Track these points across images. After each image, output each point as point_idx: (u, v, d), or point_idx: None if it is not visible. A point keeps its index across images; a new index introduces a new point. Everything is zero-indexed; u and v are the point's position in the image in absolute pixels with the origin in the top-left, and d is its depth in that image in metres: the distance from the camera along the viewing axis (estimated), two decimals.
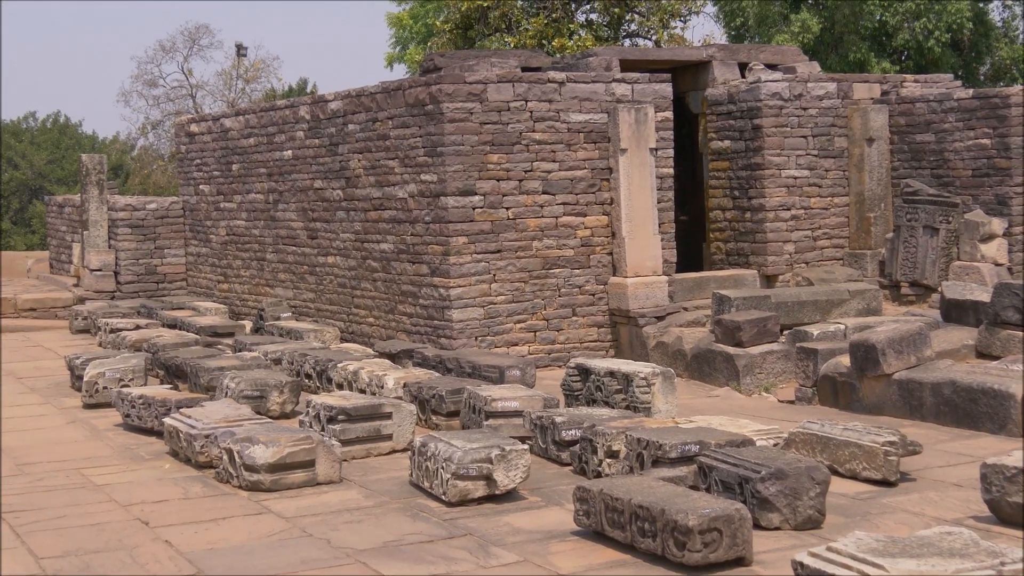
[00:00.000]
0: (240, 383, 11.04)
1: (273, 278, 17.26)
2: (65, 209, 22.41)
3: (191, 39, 46.49)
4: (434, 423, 10.48)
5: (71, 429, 11.06)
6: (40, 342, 16.96)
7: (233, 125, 18.28)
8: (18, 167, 51.00)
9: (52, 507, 8.32)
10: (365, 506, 8.16)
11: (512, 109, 13.58)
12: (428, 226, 13.67)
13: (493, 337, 13.49)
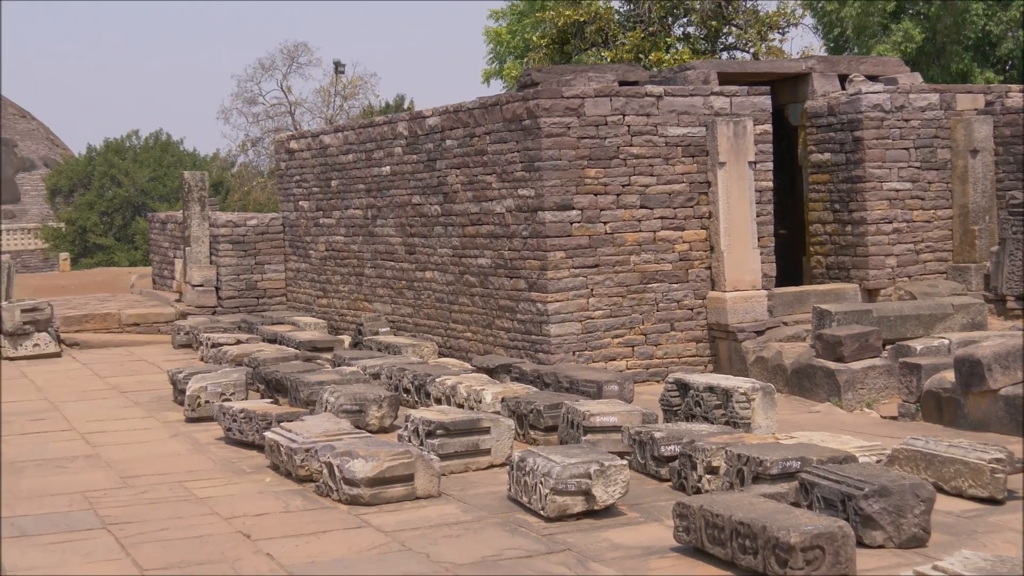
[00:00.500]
0: (339, 397, 11.11)
1: (372, 293, 17.36)
2: (167, 225, 22.72)
3: (290, 57, 47.04)
4: (532, 438, 10.47)
5: (174, 442, 11.19)
6: (143, 356, 17.19)
7: (332, 141, 18.43)
8: (121, 184, 51.78)
9: (156, 519, 8.41)
10: (464, 521, 8.16)
11: (609, 123, 13.56)
12: (526, 241, 13.67)
13: (591, 352, 13.45)
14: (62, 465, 10.28)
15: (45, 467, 10.21)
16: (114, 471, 9.99)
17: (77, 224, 51.07)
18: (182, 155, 54.95)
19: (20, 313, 17.20)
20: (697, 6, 24.64)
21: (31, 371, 15.94)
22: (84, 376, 15.48)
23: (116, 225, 51.18)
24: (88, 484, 9.52)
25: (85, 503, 8.92)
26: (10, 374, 15.77)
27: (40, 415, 12.72)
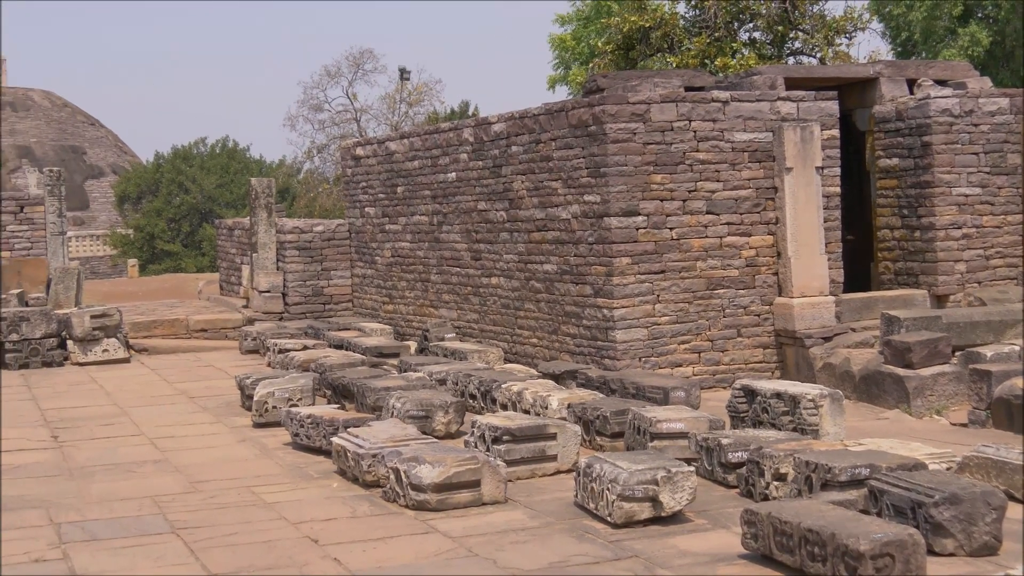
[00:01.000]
0: (406, 403, 11.14)
1: (437, 299, 17.40)
2: (235, 232, 22.89)
3: (356, 64, 47.35)
4: (598, 444, 10.45)
5: (242, 448, 11.27)
6: (211, 362, 17.33)
7: (398, 148, 18.50)
8: (189, 191, 52.24)
9: (225, 524, 8.47)
10: (530, 527, 8.16)
11: (675, 129, 13.52)
12: (591, 247, 13.66)
13: (657, 358, 13.42)
14: (131, 470, 10.37)
15: (115, 471, 10.30)
16: (183, 476, 10.07)
17: (145, 230, 51.56)
18: (249, 162, 55.38)
19: (90, 319, 17.39)
20: (763, 11, 24.53)
21: (101, 376, 16.11)
22: (153, 381, 15.62)
23: (184, 231, 51.63)
24: (157, 488, 9.60)
25: (154, 507, 8.99)
26: (80, 379, 15.95)
27: (110, 420, 12.85)
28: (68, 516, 8.80)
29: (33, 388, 15.23)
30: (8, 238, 22.24)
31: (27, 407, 13.79)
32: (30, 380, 15.97)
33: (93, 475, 10.17)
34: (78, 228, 63.74)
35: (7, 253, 22.03)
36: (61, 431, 12.24)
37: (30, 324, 17.25)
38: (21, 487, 9.78)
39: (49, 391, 14.96)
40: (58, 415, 13.19)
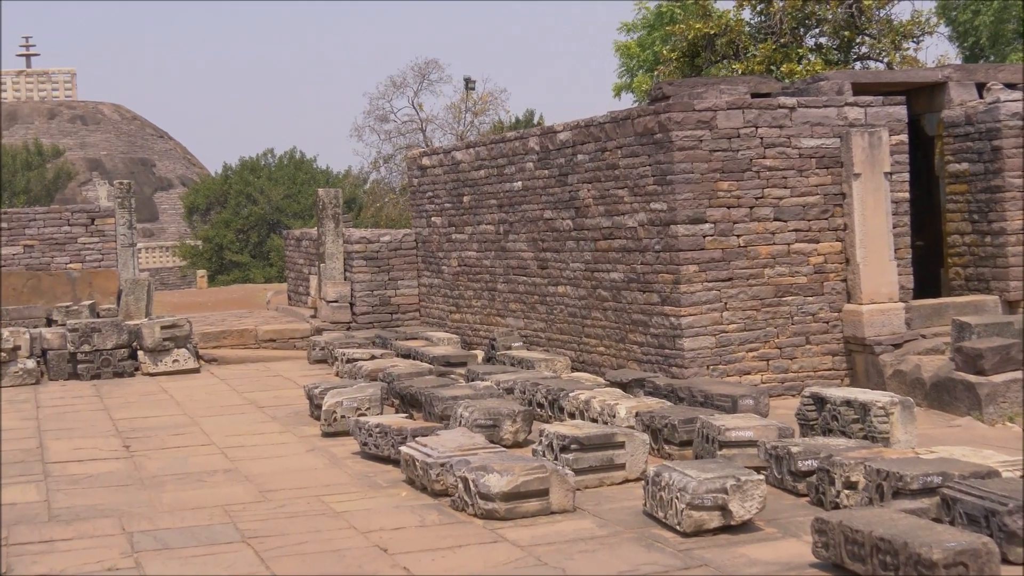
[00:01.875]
0: (474, 412, 11.16)
1: (504, 308, 17.42)
2: (302, 242, 23.03)
3: (421, 74, 47.49)
4: (667, 452, 10.42)
5: (311, 457, 11.33)
6: (280, 372, 17.43)
7: (464, 157, 18.54)
8: (256, 202, 52.65)
9: (295, 533, 8.52)
10: (599, 536, 8.14)
11: (742, 136, 13.46)
12: (658, 255, 13.62)
13: (725, 366, 13.35)
14: (202, 479, 10.46)
15: (186, 481, 10.39)
16: (253, 485, 10.14)
17: (214, 242, 52.02)
18: (315, 173, 55.74)
19: (160, 330, 17.55)
20: (829, 16, 24.36)
21: (171, 386, 16.25)
22: (222, 391, 15.74)
23: (252, 242, 52.03)
24: (228, 498, 9.68)
25: (225, 516, 9.06)
26: (150, 389, 16.10)
27: (180, 430, 12.96)
28: (140, 525, 8.89)
29: (105, 398, 15.39)
30: (79, 250, 22.50)
31: (99, 417, 13.94)
32: (101, 390, 16.15)
33: (164, 484, 10.27)
34: (148, 240, 64.38)
35: (78, 265, 22.29)
36: (133, 441, 12.37)
37: (101, 335, 17.44)
38: (94, 496, 9.89)
39: (120, 401, 15.12)
40: (129, 425, 13.32)
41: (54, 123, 74.62)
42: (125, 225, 22.18)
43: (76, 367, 17.40)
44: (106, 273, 20.67)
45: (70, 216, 22.67)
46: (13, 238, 22.21)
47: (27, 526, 9.00)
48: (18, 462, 11.45)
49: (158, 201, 72.43)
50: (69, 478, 10.66)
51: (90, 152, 73.32)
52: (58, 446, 12.22)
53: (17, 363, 17.00)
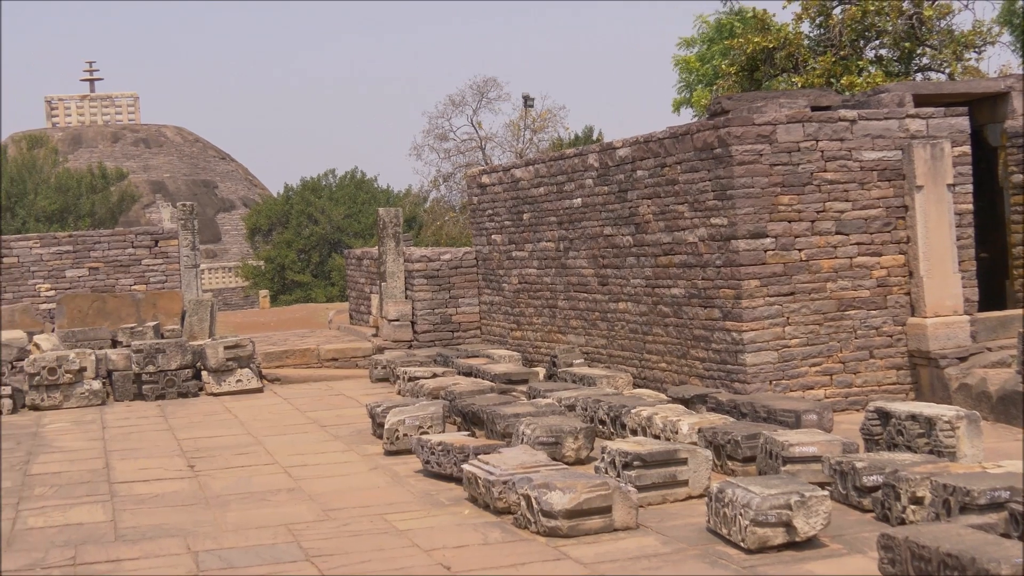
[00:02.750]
0: (535, 429, 11.15)
1: (565, 325, 17.40)
2: (363, 261, 23.12)
3: (480, 92, 47.61)
4: (730, 469, 10.36)
5: (373, 475, 11.36)
6: (342, 391, 17.50)
7: (523, 175, 18.56)
8: (318, 222, 52.92)
9: (358, 551, 8.54)
10: (663, 553, 8.11)
11: (802, 149, 13.39)
12: (719, 270, 13.57)
13: (787, 381, 13.27)
14: (266, 498, 10.51)
15: (249, 500, 10.45)
16: (316, 504, 10.17)
17: (276, 262, 52.32)
18: (376, 192, 55.96)
19: (223, 350, 17.68)
20: (889, 28, 24.21)
21: (234, 406, 16.35)
22: (285, 411, 15.82)
23: (313, 262, 52.30)
24: (291, 517, 9.72)
25: (289, 535, 9.10)
26: (214, 409, 16.21)
27: (244, 449, 13.03)
28: (205, 544, 8.95)
29: (169, 418, 15.51)
30: (144, 272, 22.71)
31: (164, 437, 14.05)
32: (166, 410, 16.27)
33: (229, 504, 10.33)
34: (211, 260, 64.90)
35: (143, 286, 22.49)
36: (197, 460, 12.45)
37: (166, 355, 17.59)
38: (160, 516, 9.97)
39: (185, 421, 15.23)
40: (194, 445, 13.41)
41: (118, 146, 75.46)
42: (188, 246, 22.37)
43: (141, 388, 17.55)
44: (170, 294, 20.85)
45: (134, 238, 22.91)
46: (79, 261, 22.46)
47: (94, 546, 9.08)
48: (85, 482, 11.56)
49: (220, 222, 73.03)
50: (135, 498, 10.75)
51: (153, 174, 74.05)
52: (124, 466, 12.33)
53: (83, 384, 17.17)
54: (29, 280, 22.41)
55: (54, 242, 22.65)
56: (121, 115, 78.80)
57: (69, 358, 17.05)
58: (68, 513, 10.25)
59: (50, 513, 10.29)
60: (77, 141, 75.24)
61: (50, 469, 12.37)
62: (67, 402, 17.01)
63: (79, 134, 76.06)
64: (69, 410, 16.75)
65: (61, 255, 22.53)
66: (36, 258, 22.42)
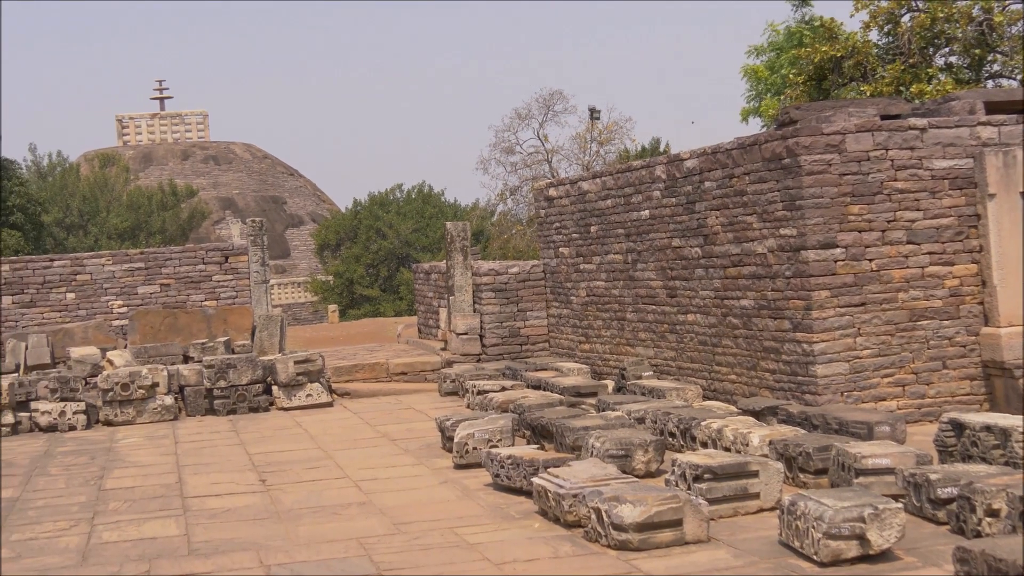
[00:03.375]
0: (605, 442, 11.12)
1: (634, 337, 17.36)
2: (431, 276, 23.19)
3: (546, 105, 47.66)
4: (801, 481, 10.28)
5: (443, 489, 11.37)
6: (411, 404, 17.54)
7: (590, 187, 18.55)
8: (386, 236, 53.19)
9: (429, 565, 8.54)
10: (734, 566, 8.06)
11: (872, 158, 13.29)
12: (789, 281, 13.49)
13: (859, 392, 13.16)
14: (337, 512, 10.55)
15: (321, 514, 10.49)
16: (387, 517, 10.20)
17: (344, 276, 52.64)
18: (443, 206, 56.17)
19: (293, 365, 17.78)
20: (959, 35, 23.99)
21: (305, 420, 16.44)
22: (355, 425, 15.88)
23: (381, 276, 52.56)
24: (362, 531, 9.75)
25: (360, 549, 9.12)
26: (285, 424, 16.30)
27: (314, 463, 13.09)
28: (277, 558, 8.99)
29: (241, 433, 15.62)
30: (214, 287, 22.90)
31: (235, 452, 14.14)
32: (237, 425, 16.39)
33: (300, 518, 10.37)
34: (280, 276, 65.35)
35: (213, 302, 22.68)
36: (269, 475, 12.52)
37: (237, 371, 17.71)
38: (232, 530, 10.03)
39: (256, 436, 15.32)
40: (265, 459, 13.49)
41: (188, 164, 76.23)
42: (258, 262, 22.53)
43: (212, 403, 17.69)
44: (240, 310, 21.01)
45: (205, 255, 23.12)
46: (151, 277, 22.69)
47: (168, 560, 9.15)
48: (158, 497, 11.66)
49: (289, 238, 73.56)
50: (207, 512, 10.82)
51: (222, 191, 74.73)
52: (196, 480, 12.42)
53: (156, 399, 17.32)
54: (102, 297, 22.66)
55: (126, 259, 22.90)
56: (191, 132, 79.65)
57: (142, 374, 17.22)
58: (142, 527, 10.34)
59: (124, 527, 10.39)
60: (148, 159, 76.10)
61: (124, 484, 12.49)
62: (140, 417, 17.17)
63: (150, 152, 76.92)
64: (142, 425, 16.91)
65: (133, 272, 22.78)
66: (109, 275, 22.68)
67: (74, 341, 20.88)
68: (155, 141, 78.45)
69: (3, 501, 11.89)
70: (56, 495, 12.09)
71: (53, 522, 10.78)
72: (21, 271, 22.44)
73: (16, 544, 9.98)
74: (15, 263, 22.61)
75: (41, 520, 10.89)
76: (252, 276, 22.57)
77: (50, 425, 16.78)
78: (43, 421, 16.78)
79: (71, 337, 21.00)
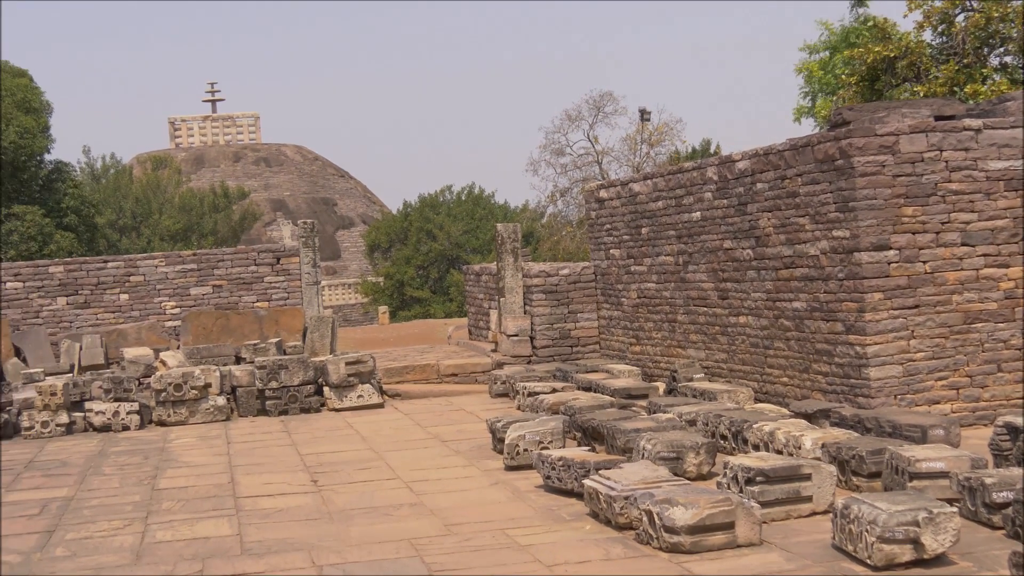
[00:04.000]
0: (656, 444, 11.09)
1: (685, 339, 17.31)
2: (482, 277, 23.21)
3: (596, 107, 47.60)
4: (854, 484, 10.22)
5: (494, 490, 11.37)
6: (462, 406, 17.56)
7: (641, 189, 18.51)
8: (436, 238, 53.29)
9: (480, 566, 8.55)
10: (787, 569, 8.02)
11: (926, 160, 13.19)
12: (841, 283, 13.41)
13: (913, 395, 13.06)
14: (388, 513, 10.57)
15: (373, 515, 10.52)
16: (438, 519, 10.21)
17: (395, 278, 52.78)
18: (493, 208, 56.22)
19: (345, 366, 17.84)
20: (1014, 34, 23.78)
21: (356, 422, 16.48)
22: (406, 426, 15.91)
23: (432, 278, 52.67)
24: (414, 531, 9.77)
25: (412, 550, 9.14)
26: (336, 425, 16.36)
27: (366, 464, 13.13)
28: (329, 559, 9.02)
29: (292, 434, 15.68)
30: (266, 289, 23.01)
31: (287, 452, 14.20)
32: (289, 426, 16.46)
33: (352, 518, 10.41)
34: (331, 277, 65.62)
35: (265, 303, 22.79)
36: (320, 475, 12.57)
37: (288, 372, 17.79)
38: (284, 530, 10.07)
39: (307, 436, 15.38)
40: (316, 460, 13.54)
41: (239, 166, 76.67)
42: (309, 264, 22.62)
43: (264, 403, 17.78)
44: (292, 311, 21.10)
45: (256, 256, 23.23)
46: (203, 278, 22.83)
47: (221, 559, 9.21)
48: (211, 497, 11.73)
49: (340, 239, 73.83)
50: (260, 512, 10.88)
51: (274, 193, 75.11)
52: (249, 481, 12.48)
53: (208, 400, 17.43)
54: (155, 298, 22.82)
55: (179, 260, 23.05)
56: (242, 135, 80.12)
57: (194, 374, 17.33)
58: (195, 527, 10.41)
59: (178, 527, 10.46)
60: (200, 161, 76.61)
61: (177, 484, 12.57)
62: (192, 418, 17.28)
63: (201, 154, 77.43)
64: (194, 425, 17.02)
65: (186, 273, 22.92)
66: (162, 276, 22.83)
67: (127, 342, 21.05)
68: (207, 143, 78.95)
69: (58, 500, 12.00)
70: (110, 494, 12.19)
71: (107, 521, 10.86)
72: (75, 272, 22.63)
73: (71, 543, 10.07)
74: (69, 264, 22.81)
75: (96, 519, 10.98)
76: (303, 277, 22.66)
77: (104, 425, 16.91)
78: (97, 421, 16.91)
79: (125, 338, 21.16)
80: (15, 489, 12.78)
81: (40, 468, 14.01)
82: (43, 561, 9.50)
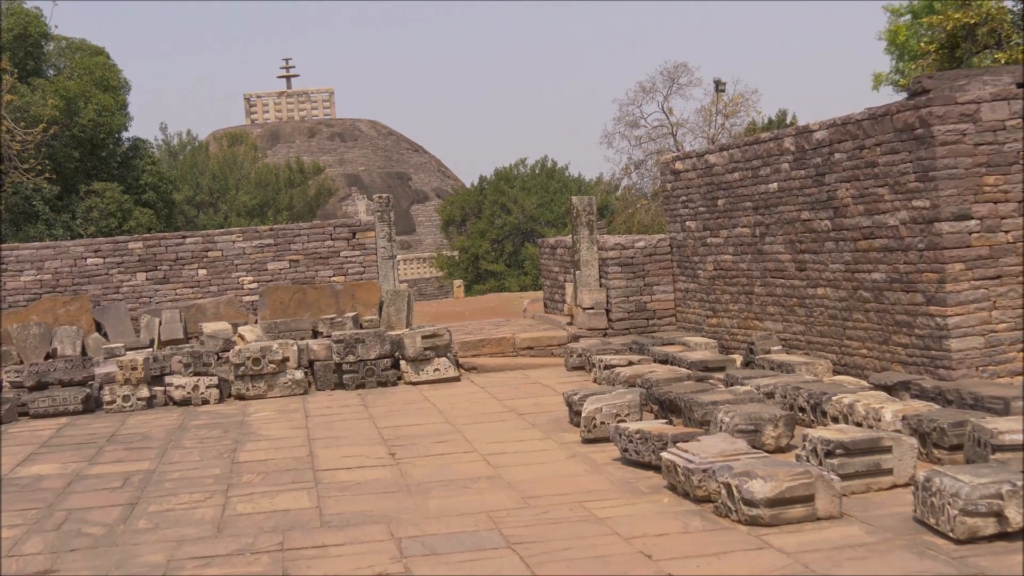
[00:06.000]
0: (734, 417, 11.04)
1: (762, 311, 17.19)
2: (556, 250, 23.17)
3: (670, 78, 47.26)
4: (935, 457, 10.11)
5: (571, 463, 11.37)
6: (538, 379, 17.56)
7: (717, 160, 18.39)
8: (510, 211, 53.29)
9: (558, 539, 8.56)
10: (868, 543, 7.95)
11: (1008, 128, 12.99)
12: (921, 253, 13.25)
13: (995, 367, 12.89)
14: (466, 486, 10.60)
15: (450, 487, 10.56)
16: (515, 491, 10.23)
17: (469, 252, 52.87)
18: (568, 181, 56.13)
19: (421, 339, 17.89)
20: None
21: (432, 395, 16.54)
22: (482, 399, 15.94)
23: (506, 251, 52.68)
24: (491, 504, 9.79)
25: (489, 523, 9.16)
26: (412, 398, 16.42)
27: (443, 437, 13.17)
28: (408, 531, 9.07)
29: (369, 407, 15.76)
30: (342, 263, 23.12)
31: (365, 426, 14.28)
32: (366, 399, 16.54)
33: (430, 491, 10.45)
34: (405, 252, 65.86)
35: (341, 278, 22.91)
36: (398, 448, 12.62)
37: (365, 346, 17.87)
38: (363, 503, 10.13)
39: (385, 410, 15.45)
40: (394, 433, 13.60)
41: (314, 141, 77.06)
42: (385, 238, 22.69)
43: (342, 377, 17.88)
44: (367, 285, 21.18)
45: (332, 231, 23.34)
46: (280, 253, 22.97)
47: (301, 532, 9.28)
48: (290, 470, 11.82)
49: (414, 213, 74.05)
50: (338, 485, 10.95)
51: (348, 168, 75.43)
52: (327, 454, 12.57)
53: (287, 374, 17.55)
54: (233, 273, 22.99)
55: (256, 236, 23.20)
56: (317, 110, 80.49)
57: (272, 348, 17.45)
58: (275, 499, 10.49)
59: (258, 500, 10.55)
60: (275, 137, 77.07)
61: (256, 457, 12.68)
62: (271, 391, 17.42)
63: (277, 130, 77.89)
64: (273, 399, 17.15)
65: (263, 248, 23.07)
66: (239, 252, 23.00)
67: (206, 316, 21.24)
68: (282, 119, 79.39)
69: (140, 473, 12.15)
70: (191, 467, 12.32)
71: (188, 494, 10.98)
72: (154, 248, 22.85)
73: (153, 515, 10.19)
74: (148, 240, 23.03)
75: (177, 492, 11.11)
76: (379, 252, 22.74)
77: (184, 399, 17.09)
78: (177, 395, 17.10)
79: (203, 312, 21.36)
80: (98, 462, 12.95)
81: (122, 442, 14.19)
82: (126, 533, 9.62)
